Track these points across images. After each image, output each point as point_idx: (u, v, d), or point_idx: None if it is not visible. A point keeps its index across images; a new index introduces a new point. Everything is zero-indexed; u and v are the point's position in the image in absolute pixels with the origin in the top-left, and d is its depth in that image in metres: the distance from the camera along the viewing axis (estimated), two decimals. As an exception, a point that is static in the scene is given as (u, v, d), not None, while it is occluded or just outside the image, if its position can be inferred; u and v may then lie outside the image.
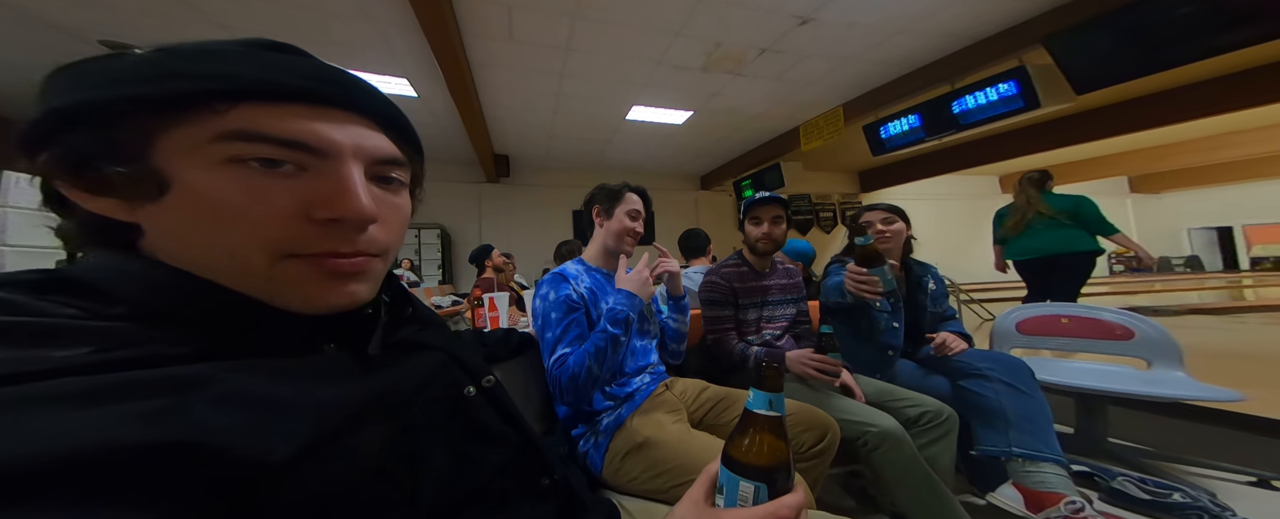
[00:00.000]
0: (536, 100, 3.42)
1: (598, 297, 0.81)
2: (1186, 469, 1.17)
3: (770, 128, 4.13)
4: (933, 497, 0.75)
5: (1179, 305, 4.05)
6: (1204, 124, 3.95)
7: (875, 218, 1.14)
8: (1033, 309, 1.46)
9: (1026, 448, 0.83)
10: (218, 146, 0.22)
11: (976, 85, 2.61)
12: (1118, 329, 1.27)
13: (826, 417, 0.76)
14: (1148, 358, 1.21)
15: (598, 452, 0.72)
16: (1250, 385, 1.07)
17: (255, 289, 0.23)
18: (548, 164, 5.25)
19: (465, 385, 0.34)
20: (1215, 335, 2.89)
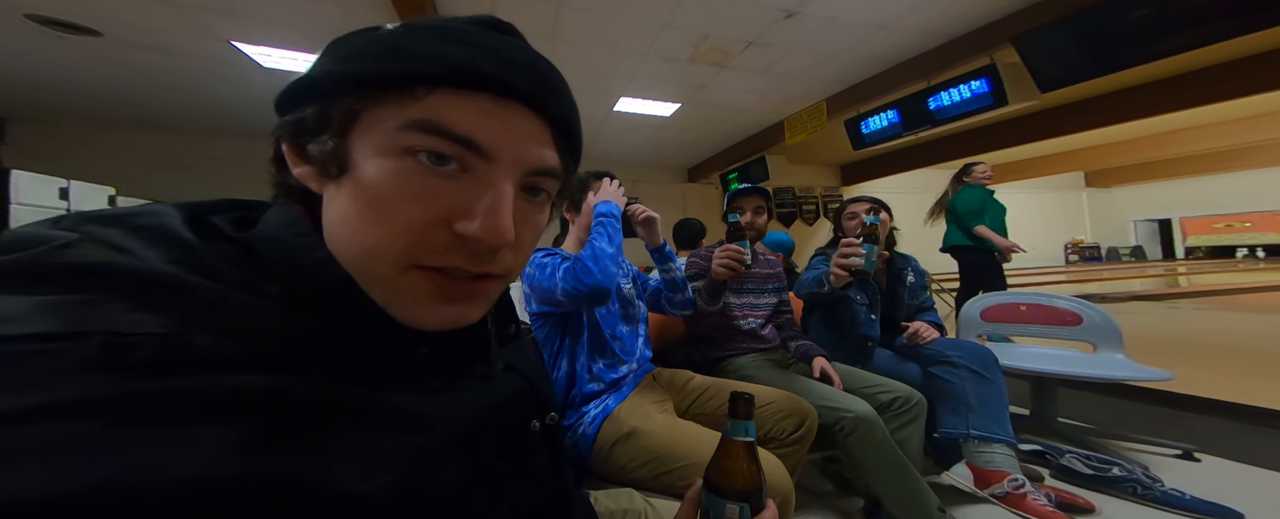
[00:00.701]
0: None
1: None
2: (1125, 445, 1.26)
3: (756, 121, 4.14)
4: (903, 478, 0.79)
5: (1123, 292, 4.36)
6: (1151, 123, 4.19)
7: (860, 209, 1.16)
8: (994, 298, 1.54)
9: (982, 430, 0.89)
10: (402, 135, 0.20)
11: (951, 82, 2.67)
12: (1068, 315, 1.35)
13: (805, 403, 0.78)
14: (1094, 342, 1.30)
15: (586, 442, 0.73)
16: (1179, 366, 1.18)
17: (376, 295, 0.22)
18: None
19: (533, 419, 0.31)
20: (1153, 320, 3.13)
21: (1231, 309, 3.41)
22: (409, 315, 0.22)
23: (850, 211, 1.19)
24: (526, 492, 0.30)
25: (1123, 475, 1.01)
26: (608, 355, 0.81)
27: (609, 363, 0.81)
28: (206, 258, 0.19)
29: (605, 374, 0.80)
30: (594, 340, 0.81)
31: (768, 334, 1.10)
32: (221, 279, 0.19)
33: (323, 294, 0.21)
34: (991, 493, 0.86)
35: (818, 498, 1.02)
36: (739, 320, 1.08)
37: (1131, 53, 1.96)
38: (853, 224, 1.17)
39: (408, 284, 0.22)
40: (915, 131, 2.98)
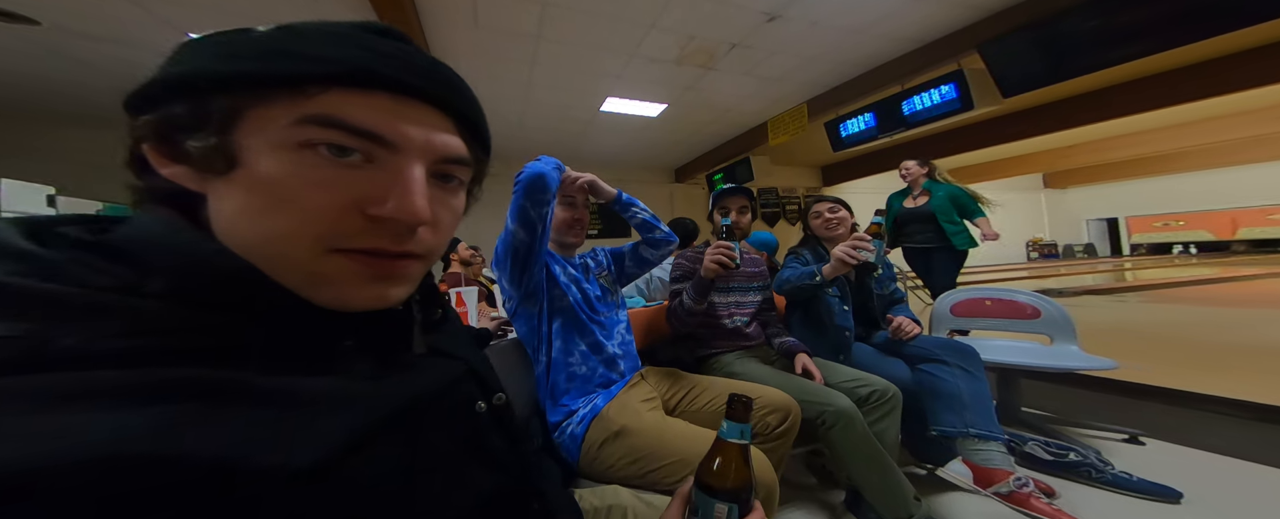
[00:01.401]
0: (505, 90, 3.23)
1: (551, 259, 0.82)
2: (1079, 431, 1.32)
3: (741, 122, 4.18)
4: (881, 469, 0.81)
5: (1077, 287, 4.62)
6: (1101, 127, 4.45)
7: (823, 208, 1.21)
8: (963, 293, 1.60)
9: (979, 428, 0.90)
10: (296, 129, 0.21)
11: (922, 87, 2.75)
12: (1028, 309, 1.41)
13: (788, 399, 0.79)
14: (1050, 334, 1.36)
15: (574, 442, 0.72)
16: (1124, 355, 1.24)
17: (291, 280, 0.22)
18: (517, 156, 5.07)
19: (478, 400, 0.32)
20: (1102, 312, 3.33)
21: (1171, 302, 3.66)
22: (334, 297, 0.23)
23: (815, 211, 1.23)
24: (483, 473, 0.30)
25: (1078, 460, 1.06)
26: (591, 347, 0.79)
27: (593, 355, 0.79)
28: (62, 265, 0.19)
29: (589, 366, 0.78)
30: (573, 331, 0.80)
31: (753, 332, 1.10)
32: (86, 284, 0.18)
33: (223, 287, 0.21)
34: (995, 492, 0.86)
35: (801, 491, 1.04)
36: (725, 319, 1.08)
37: (1084, 61, 2.07)
38: (819, 223, 1.21)
39: (330, 267, 0.22)
40: (890, 134, 3.07)
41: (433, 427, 0.27)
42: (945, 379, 0.96)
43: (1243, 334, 2.37)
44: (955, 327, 1.56)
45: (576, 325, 0.80)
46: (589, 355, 0.79)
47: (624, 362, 0.83)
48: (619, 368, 0.81)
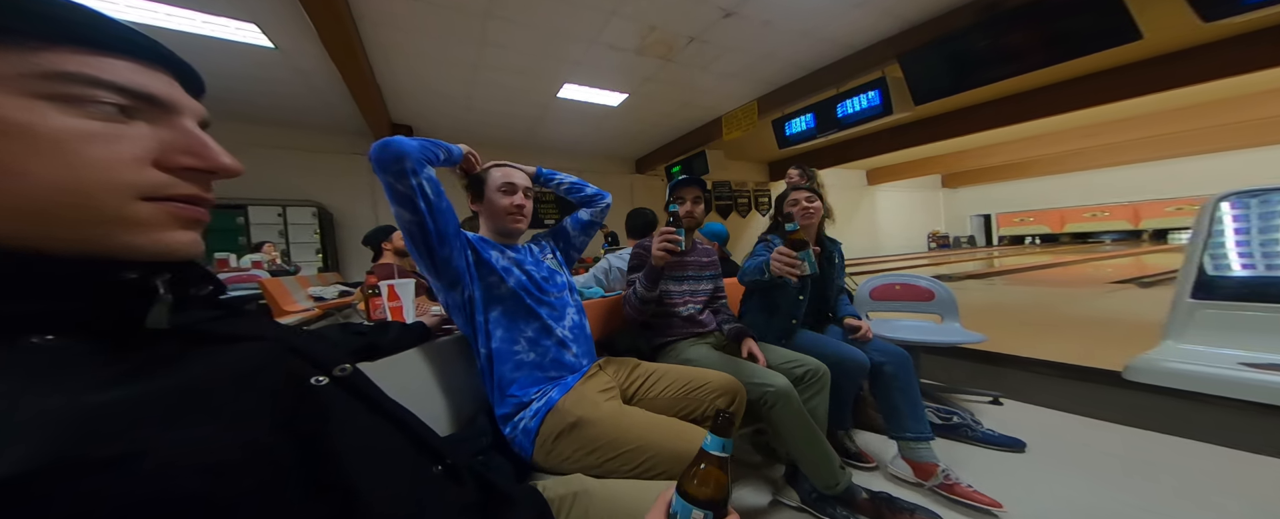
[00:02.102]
0: (450, 70, 2.90)
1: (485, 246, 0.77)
2: (959, 396, 1.55)
3: (698, 116, 4.20)
4: (814, 442, 0.87)
5: (961, 273, 5.49)
6: (985, 135, 5.23)
7: (801, 197, 1.19)
8: (879, 279, 1.80)
9: (914, 431, 1.01)
10: (44, 84, 0.21)
11: (853, 91, 2.95)
12: (926, 292, 1.62)
13: (736, 382, 0.82)
14: (941, 313, 1.56)
15: (527, 437, 0.69)
16: (991, 329, 1.48)
17: (95, 232, 0.22)
18: (465, 139, 4.59)
19: (311, 376, 0.31)
20: (978, 294, 3.99)
21: (1024, 284, 4.50)
22: (151, 242, 0.24)
23: (792, 199, 1.20)
24: (356, 439, 0.29)
25: (959, 423, 1.25)
26: (538, 332, 0.75)
27: (541, 339, 0.75)
28: None
29: (538, 352, 0.74)
30: (517, 317, 0.75)
31: (705, 319, 1.12)
32: None
33: None
34: (932, 485, 0.96)
35: (749, 469, 1.10)
36: (680, 307, 1.09)
37: (976, 76, 2.35)
38: (795, 211, 1.18)
39: (145, 213, 0.24)
40: (827, 134, 3.29)
41: (260, 404, 0.26)
42: (883, 396, 1.06)
43: (1067, 309, 2.99)
44: (873, 308, 1.75)
45: (521, 310, 0.75)
46: (537, 341, 0.75)
47: (576, 345, 0.79)
48: (571, 350, 0.77)
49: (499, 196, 0.81)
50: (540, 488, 0.52)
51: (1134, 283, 3.87)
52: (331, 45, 2.19)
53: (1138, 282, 3.90)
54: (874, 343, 1.14)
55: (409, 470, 0.33)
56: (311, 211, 3.75)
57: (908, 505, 0.87)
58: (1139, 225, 8.66)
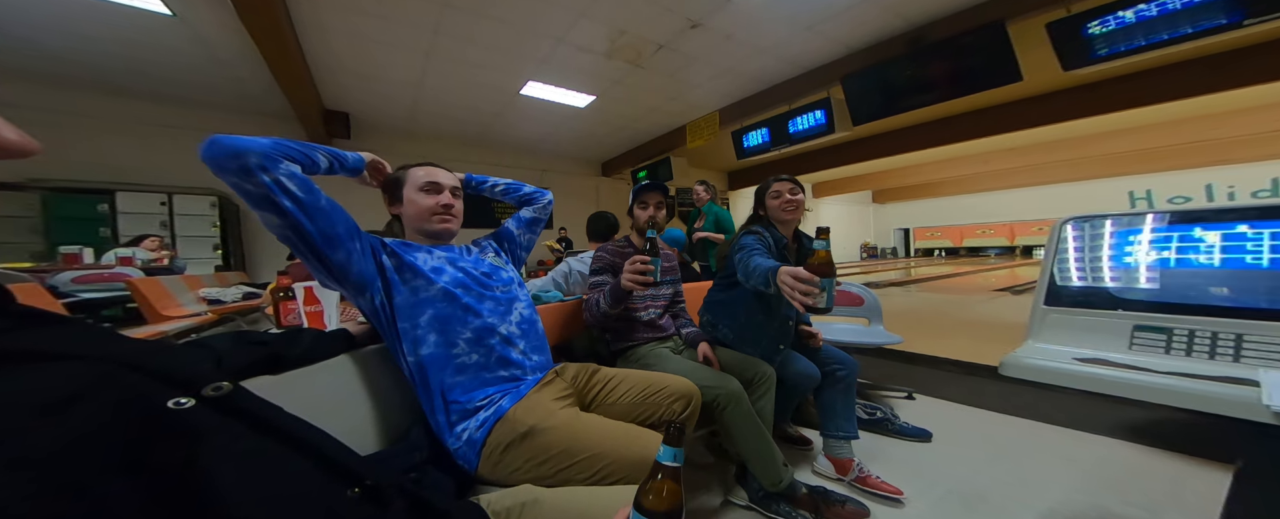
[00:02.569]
0: (398, 56, 2.65)
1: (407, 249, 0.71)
2: (881, 393, 1.70)
3: (664, 123, 4.25)
4: (761, 440, 0.90)
5: (886, 281, 6.18)
6: (908, 156, 5.94)
7: (784, 188, 1.09)
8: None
9: (842, 431, 1.07)
10: None
11: (803, 109, 3.17)
12: (858, 298, 1.80)
13: (691, 386, 0.81)
14: (868, 317, 1.73)
15: (473, 448, 0.63)
16: (906, 331, 1.64)
17: None
18: (415, 131, 4.15)
19: (167, 398, 0.26)
20: (897, 300, 4.52)
21: (931, 291, 5.17)
22: None
23: (774, 190, 1.11)
24: (237, 467, 0.25)
25: (882, 418, 1.37)
26: (480, 332, 0.69)
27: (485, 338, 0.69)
28: None
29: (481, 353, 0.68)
30: (452, 319, 0.68)
31: (665, 324, 1.12)
32: None
33: None
34: (849, 479, 1.03)
35: (702, 470, 1.12)
36: (640, 312, 1.08)
37: (902, 102, 2.63)
38: (777, 203, 1.08)
39: None
40: (779, 148, 3.53)
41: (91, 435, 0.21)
42: (826, 398, 1.11)
43: (961, 313, 3.51)
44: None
45: (457, 310, 0.68)
46: (479, 340, 0.68)
47: (525, 341, 0.74)
48: (518, 347, 0.72)
49: (421, 196, 0.74)
50: (484, 502, 0.48)
51: (1008, 291, 4.63)
52: (249, 18, 1.89)
53: (1011, 290, 4.68)
54: (827, 349, 1.19)
55: (313, 497, 0.29)
56: (211, 201, 3.16)
57: (840, 497, 0.94)
58: (1014, 242, 10.40)
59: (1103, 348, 0.64)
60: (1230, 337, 0.58)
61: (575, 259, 1.48)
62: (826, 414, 1.11)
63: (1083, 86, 3.40)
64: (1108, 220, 0.73)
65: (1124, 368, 0.58)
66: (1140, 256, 0.68)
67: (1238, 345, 0.57)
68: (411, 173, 0.76)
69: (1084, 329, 0.67)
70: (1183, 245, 0.65)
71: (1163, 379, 0.54)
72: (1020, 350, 0.67)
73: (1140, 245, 0.69)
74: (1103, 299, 0.68)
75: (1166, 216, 0.68)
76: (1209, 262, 0.63)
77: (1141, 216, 0.70)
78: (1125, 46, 1.88)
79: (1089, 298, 0.69)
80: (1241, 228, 0.62)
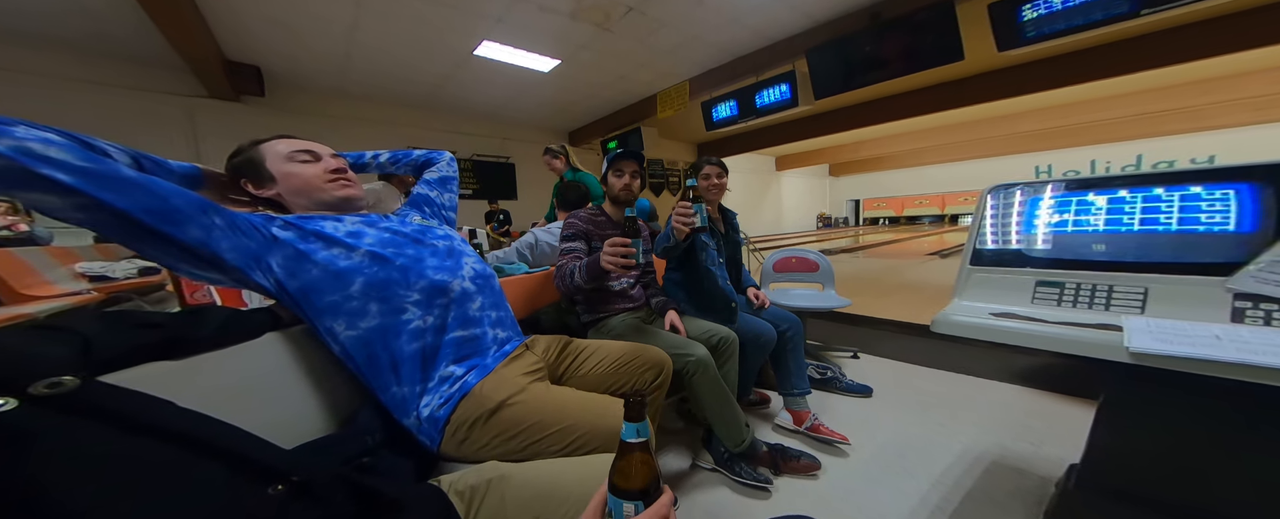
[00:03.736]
0: (320, 5, 2.23)
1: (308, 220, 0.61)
2: (830, 353, 1.86)
3: (634, 91, 4.02)
4: (726, 404, 0.94)
5: (838, 248, 6.61)
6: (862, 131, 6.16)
7: (712, 171, 1.26)
8: (781, 253, 2.05)
9: (799, 388, 1.18)
10: None
11: (770, 82, 3.10)
12: (813, 264, 1.91)
13: (662, 355, 0.81)
14: (822, 283, 1.85)
15: (434, 426, 0.59)
16: (853, 294, 1.77)
17: None
18: (347, 90, 3.57)
19: None
20: (846, 265, 4.87)
21: (875, 257, 5.62)
22: None
23: (705, 172, 1.27)
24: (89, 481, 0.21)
25: (831, 377, 1.50)
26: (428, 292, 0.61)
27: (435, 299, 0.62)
28: None
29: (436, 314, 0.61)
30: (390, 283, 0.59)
31: (636, 294, 1.12)
32: None
33: None
34: (804, 428, 1.15)
35: (672, 435, 1.18)
36: (613, 282, 1.07)
37: (859, 78, 2.65)
38: (705, 184, 1.26)
39: None
40: (747, 120, 3.50)
41: None
42: (778, 357, 1.21)
43: (898, 277, 3.88)
44: (774, 279, 2.01)
45: (394, 273, 0.60)
46: (429, 303, 0.61)
47: (482, 297, 0.67)
48: (476, 303, 0.66)
49: (300, 167, 0.64)
50: (445, 484, 0.45)
51: (938, 255, 5.15)
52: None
53: (940, 254, 5.20)
54: (773, 310, 1.26)
55: (215, 503, 0.25)
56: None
57: (796, 453, 1.02)
58: (944, 211, 11.44)
59: (1012, 303, 0.73)
60: (1104, 288, 0.67)
61: (542, 230, 1.41)
62: (782, 374, 1.20)
63: (1008, 69, 3.62)
64: (1017, 189, 0.80)
65: (1026, 320, 0.66)
66: (1044, 219, 0.75)
67: (1109, 296, 0.67)
68: (266, 148, 0.64)
69: (999, 287, 0.76)
70: (1079, 208, 0.73)
71: (1053, 329, 0.63)
72: (948, 309, 0.75)
73: (1044, 210, 0.76)
74: (1014, 258, 0.76)
75: (1063, 185, 0.76)
76: (1096, 224, 0.71)
77: (1045, 185, 0.78)
78: (1049, 29, 2.00)
79: (1003, 258, 0.77)
80: (1122, 192, 0.70)
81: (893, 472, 1.00)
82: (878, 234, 9.65)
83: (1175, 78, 4.77)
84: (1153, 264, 0.65)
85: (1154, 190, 0.68)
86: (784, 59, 3.05)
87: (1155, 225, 0.67)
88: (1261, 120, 5.46)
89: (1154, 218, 0.67)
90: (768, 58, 3.14)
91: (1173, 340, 0.55)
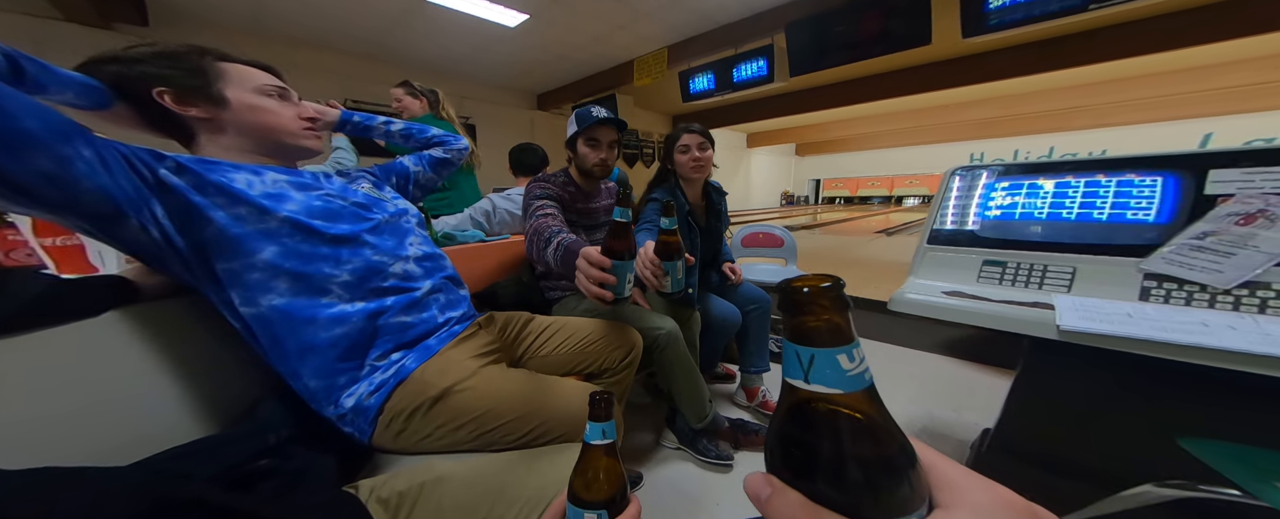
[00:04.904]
0: None
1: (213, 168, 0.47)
2: None
3: (610, 55, 3.65)
4: (691, 380, 0.92)
5: (799, 225, 6.86)
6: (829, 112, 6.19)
7: (692, 142, 0.94)
8: (749, 228, 2.07)
9: (755, 367, 1.16)
10: None
11: (748, 55, 2.95)
12: (779, 239, 1.96)
13: (632, 332, 0.76)
14: (786, 258, 1.93)
15: (364, 416, 0.50)
16: (812, 269, 1.92)
17: None
18: (264, 31, 2.89)
19: None
20: (806, 241, 5.08)
21: (830, 234, 5.95)
22: None
23: (682, 144, 0.95)
24: None
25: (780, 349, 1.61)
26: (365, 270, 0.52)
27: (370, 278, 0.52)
28: None
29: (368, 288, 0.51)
30: (313, 257, 0.49)
31: None
32: None
33: None
34: (754, 404, 1.16)
35: (639, 410, 1.17)
36: None
37: (833, 57, 2.58)
38: (684, 158, 0.94)
39: None
40: (723, 94, 3.34)
41: None
42: (741, 336, 1.16)
43: (852, 253, 4.12)
44: (743, 254, 2.02)
45: (321, 247, 0.50)
46: (359, 286, 0.51)
47: (429, 280, 0.58)
48: (423, 288, 0.57)
49: (273, 104, 0.52)
50: (367, 489, 0.37)
51: (884, 233, 5.51)
52: None
53: (886, 232, 5.57)
54: (744, 288, 1.22)
55: None
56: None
57: (756, 427, 1.03)
58: (892, 192, 12.20)
59: (960, 281, 0.75)
60: (1040, 268, 0.70)
61: (499, 195, 1.25)
62: (743, 352, 1.19)
63: (965, 57, 3.69)
64: (984, 171, 0.80)
65: (971, 298, 0.68)
66: (997, 201, 0.76)
67: (1043, 275, 0.70)
68: (232, 67, 0.52)
69: (950, 265, 0.77)
70: (1030, 192, 0.74)
71: (996, 307, 0.65)
72: (904, 287, 0.75)
73: (998, 192, 0.77)
74: (966, 239, 0.77)
75: (1019, 169, 0.77)
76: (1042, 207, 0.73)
77: (1001, 168, 0.78)
78: (1011, 19, 2.01)
79: (956, 238, 0.78)
80: (1068, 177, 0.71)
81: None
82: (834, 212, 10.16)
83: (1087, 78, 5.16)
84: (1082, 245, 0.68)
85: (1096, 175, 0.70)
86: (765, 31, 2.87)
87: (1090, 211, 0.69)
88: (1144, 120, 6.14)
89: (1091, 202, 0.69)
90: (749, 29, 2.94)
91: (1095, 318, 0.58)
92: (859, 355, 0.15)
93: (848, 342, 0.15)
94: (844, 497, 0.14)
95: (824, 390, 0.14)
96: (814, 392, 0.15)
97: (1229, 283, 0.57)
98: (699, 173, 0.98)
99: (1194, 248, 0.60)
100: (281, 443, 0.44)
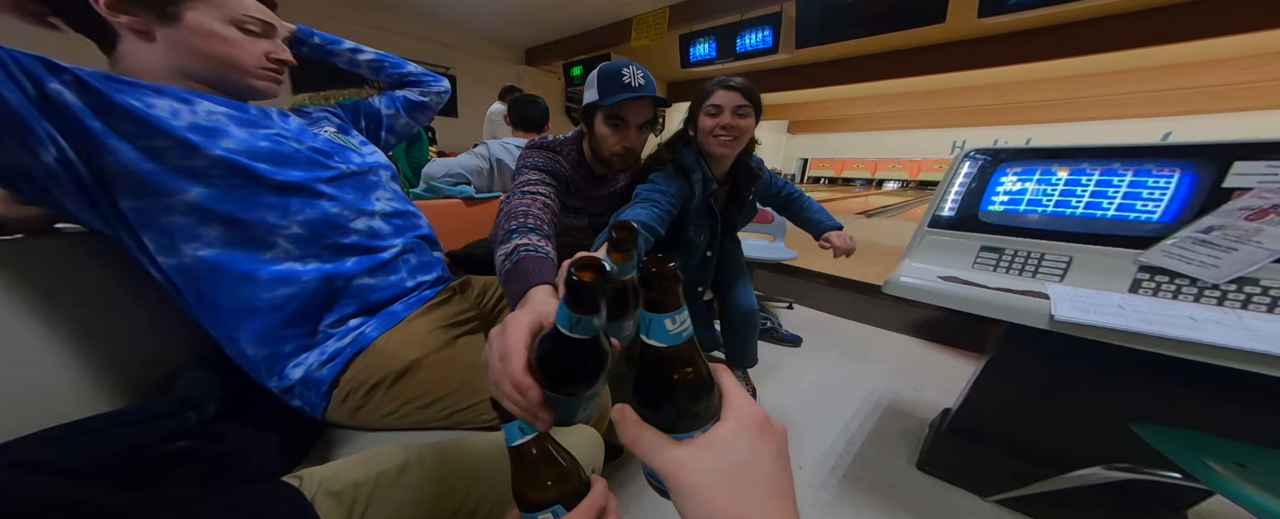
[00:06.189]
0: None
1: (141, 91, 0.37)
2: (770, 303, 1.90)
3: (606, 10, 3.22)
4: None
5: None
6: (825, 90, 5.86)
7: (727, 102, 0.65)
8: (745, 206, 1.98)
9: (740, 364, 1.06)
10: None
11: (754, 23, 2.69)
12: (770, 216, 1.87)
13: None
14: (774, 235, 1.88)
15: (316, 390, 0.42)
16: (799, 248, 1.82)
17: None
18: None
19: None
20: None
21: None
22: None
23: (712, 104, 0.67)
24: None
25: (771, 327, 1.56)
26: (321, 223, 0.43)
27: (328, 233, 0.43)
28: None
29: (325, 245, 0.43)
30: (251, 205, 0.39)
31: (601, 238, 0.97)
32: None
33: None
34: None
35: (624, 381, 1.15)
36: (582, 242, 0.85)
37: (837, 32, 2.39)
38: (711, 124, 0.67)
39: None
40: (725, 62, 3.06)
41: None
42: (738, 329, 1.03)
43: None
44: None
45: (267, 194, 0.40)
46: (313, 240, 0.42)
47: (400, 238, 0.49)
48: (392, 248, 0.48)
49: (243, 39, 0.41)
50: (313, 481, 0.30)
51: (864, 215, 5.52)
52: None
53: (866, 214, 5.58)
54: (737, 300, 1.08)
55: None
56: None
57: None
58: (874, 175, 12.15)
59: (956, 267, 0.71)
60: (1036, 256, 0.66)
61: (497, 144, 1.07)
62: (730, 346, 1.10)
63: (975, 40, 3.45)
64: (1001, 154, 0.73)
65: (966, 284, 0.64)
66: (1007, 186, 0.71)
67: (1039, 263, 0.66)
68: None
69: (947, 249, 0.73)
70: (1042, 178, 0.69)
71: (991, 294, 0.61)
72: (898, 270, 0.71)
73: (1010, 177, 0.71)
74: (966, 223, 0.72)
75: (1035, 154, 0.70)
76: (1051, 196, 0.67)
77: (1017, 153, 0.71)
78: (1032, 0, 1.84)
79: (956, 223, 0.73)
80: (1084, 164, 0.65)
81: (813, 419, 1.07)
82: (818, 192, 10.09)
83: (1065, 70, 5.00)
84: (1083, 235, 0.64)
85: (1113, 164, 0.64)
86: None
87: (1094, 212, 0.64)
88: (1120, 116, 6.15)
89: (1098, 203, 0.65)
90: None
91: (1089, 309, 0.55)
92: (681, 319, 0.18)
93: (675, 308, 0.18)
94: (659, 415, 0.20)
95: (656, 344, 0.18)
96: (650, 344, 0.19)
97: (1222, 278, 0.54)
98: (727, 148, 0.68)
99: (1197, 241, 0.57)
100: (206, 420, 0.36)
